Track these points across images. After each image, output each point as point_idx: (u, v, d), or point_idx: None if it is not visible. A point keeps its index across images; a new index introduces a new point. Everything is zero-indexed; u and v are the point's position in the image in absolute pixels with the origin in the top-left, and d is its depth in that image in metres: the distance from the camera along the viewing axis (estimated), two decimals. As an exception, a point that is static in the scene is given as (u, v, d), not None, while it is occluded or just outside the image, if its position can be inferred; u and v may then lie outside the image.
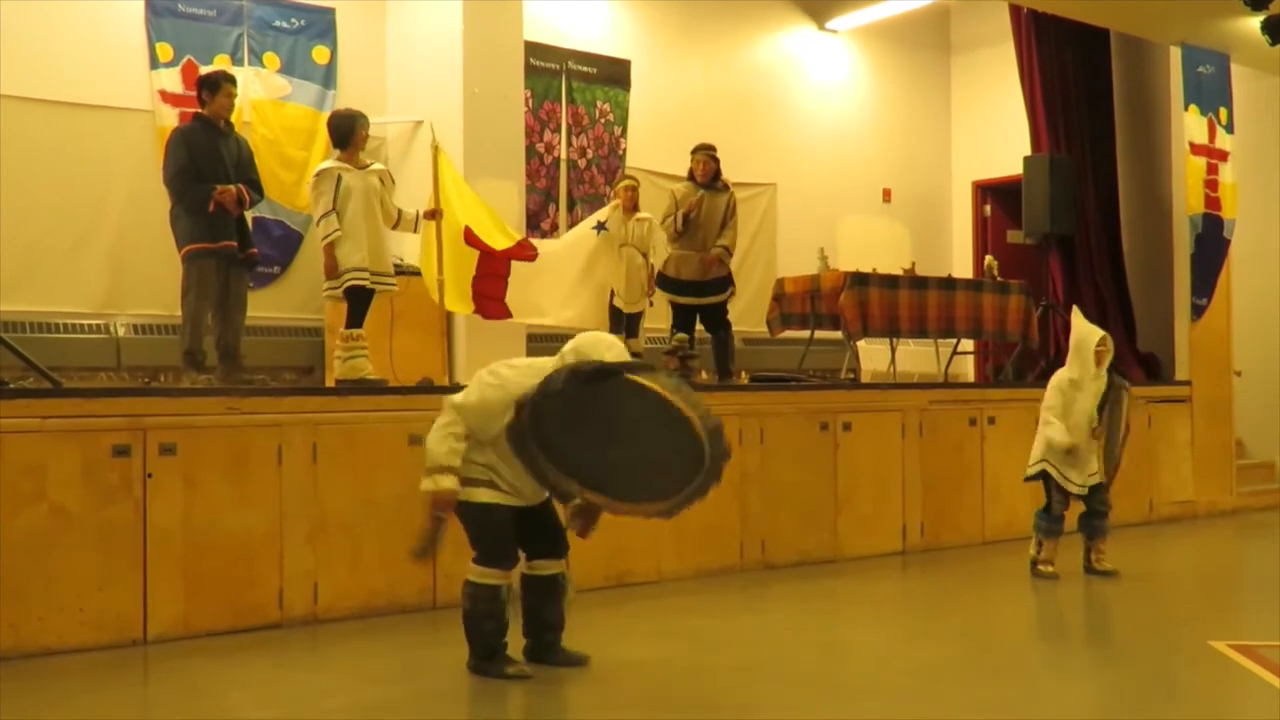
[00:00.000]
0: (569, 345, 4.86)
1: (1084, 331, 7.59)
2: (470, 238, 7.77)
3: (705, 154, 8.94)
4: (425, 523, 4.99)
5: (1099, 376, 7.48)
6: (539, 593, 5.16)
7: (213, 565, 5.94)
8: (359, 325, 7.27)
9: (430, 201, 7.64)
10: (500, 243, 7.87)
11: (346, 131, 7.32)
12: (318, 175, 7.26)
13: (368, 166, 7.37)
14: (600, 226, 8.36)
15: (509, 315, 8.00)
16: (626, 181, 9.12)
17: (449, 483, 4.89)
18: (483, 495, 5.00)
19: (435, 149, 7.63)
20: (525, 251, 7.95)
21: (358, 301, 7.27)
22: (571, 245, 8.28)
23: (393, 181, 7.59)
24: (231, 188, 7.12)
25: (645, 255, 8.84)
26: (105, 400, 5.85)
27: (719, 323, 9.01)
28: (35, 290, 8.23)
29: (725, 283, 8.96)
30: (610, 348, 4.81)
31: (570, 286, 8.19)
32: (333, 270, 7.19)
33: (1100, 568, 7.62)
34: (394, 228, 7.59)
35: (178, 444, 5.87)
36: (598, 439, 4.72)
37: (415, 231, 7.70)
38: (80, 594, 5.60)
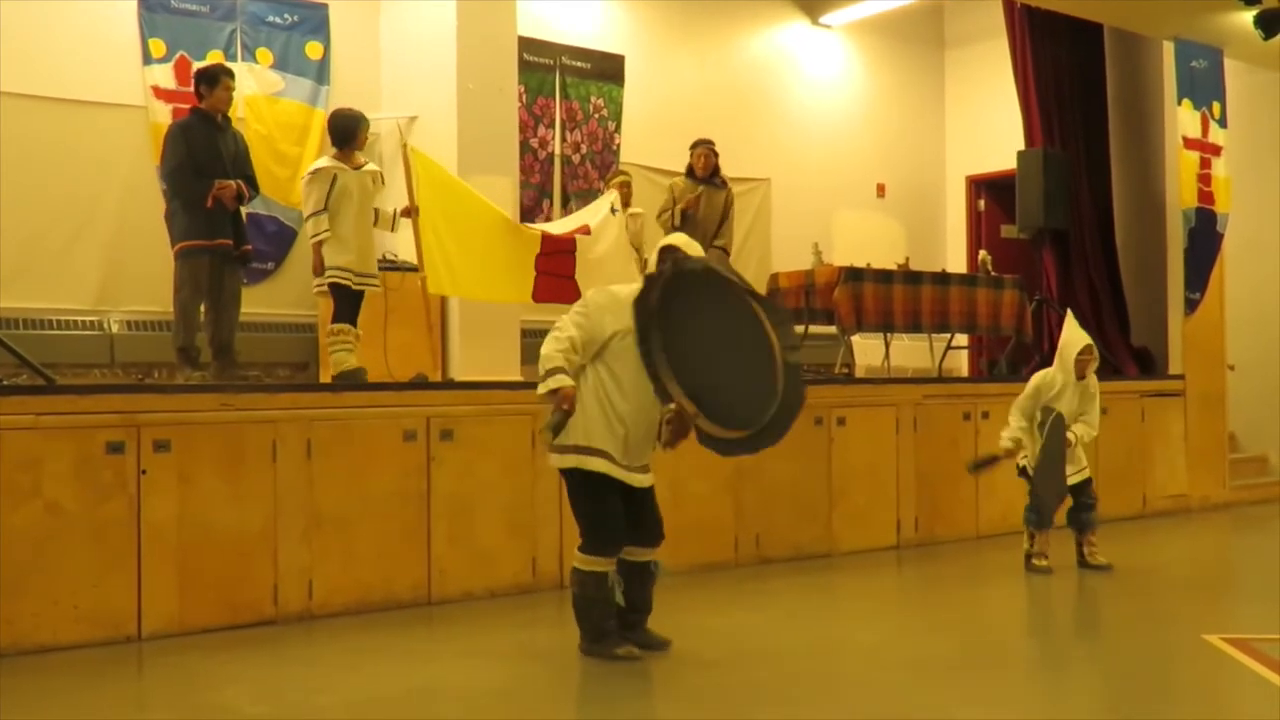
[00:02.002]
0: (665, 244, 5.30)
1: (1069, 337, 7.66)
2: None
3: (705, 148, 8.95)
4: (552, 416, 5.09)
5: (1080, 386, 7.54)
6: (630, 576, 5.36)
7: (207, 562, 5.94)
8: (344, 320, 7.30)
9: (406, 200, 7.65)
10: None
11: (349, 132, 7.34)
12: (313, 173, 7.25)
13: (362, 166, 7.40)
14: (613, 209, 8.34)
15: (578, 295, 7.95)
16: (620, 177, 9.10)
17: (566, 381, 5.04)
18: (598, 464, 5.14)
19: (405, 147, 7.64)
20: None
21: (341, 296, 7.31)
22: (601, 228, 8.23)
23: (383, 183, 7.66)
24: (231, 183, 7.12)
25: (639, 250, 8.84)
26: (99, 397, 5.84)
27: None
28: (29, 287, 8.21)
29: None
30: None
31: (618, 266, 8.17)
32: (319, 268, 7.24)
33: (1094, 561, 7.64)
34: (373, 225, 7.64)
35: (172, 441, 5.87)
36: (700, 351, 4.98)
37: (392, 230, 7.77)
38: (75, 590, 5.60)
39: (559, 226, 8.15)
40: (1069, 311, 7.95)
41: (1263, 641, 5.66)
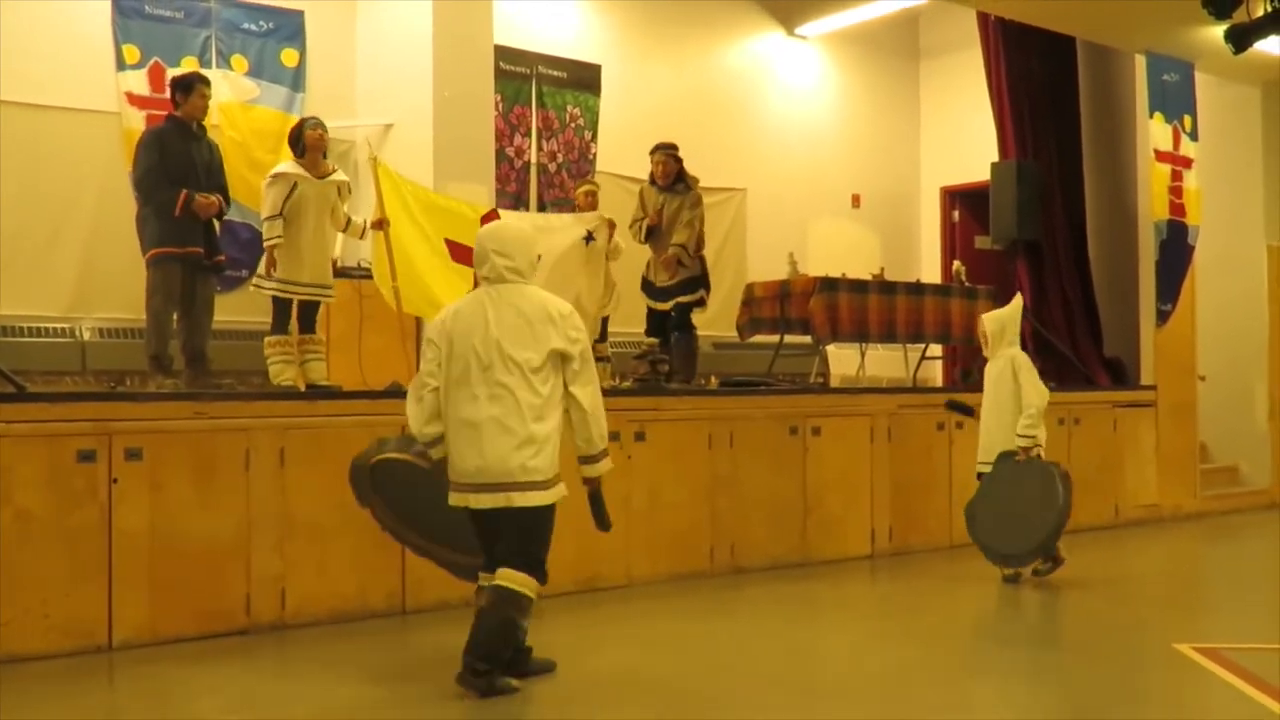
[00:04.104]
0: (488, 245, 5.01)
1: None
2: (457, 251, 7.80)
3: (664, 154, 8.73)
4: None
5: (994, 360, 7.75)
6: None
7: (179, 571, 5.90)
8: (282, 332, 7.42)
9: (376, 211, 7.65)
10: (471, 236, 7.89)
11: (294, 138, 7.49)
12: (274, 176, 7.36)
13: (329, 176, 7.43)
14: (589, 238, 8.30)
15: None
16: (586, 186, 9.10)
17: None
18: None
19: (373, 160, 7.62)
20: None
21: (281, 308, 7.42)
22: (565, 258, 8.24)
23: (349, 192, 7.71)
24: (214, 199, 7.06)
25: (606, 258, 8.80)
26: (71, 405, 5.81)
27: (680, 324, 8.81)
28: (0, 293, 8.14)
29: (694, 284, 8.83)
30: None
31: (569, 298, 8.19)
32: (269, 270, 7.31)
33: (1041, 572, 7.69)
34: (343, 231, 7.73)
35: (144, 449, 5.83)
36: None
37: (361, 238, 7.85)
38: (45, 599, 5.55)
39: None
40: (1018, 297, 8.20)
41: (1233, 650, 5.70)
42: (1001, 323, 7.76)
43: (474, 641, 4.87)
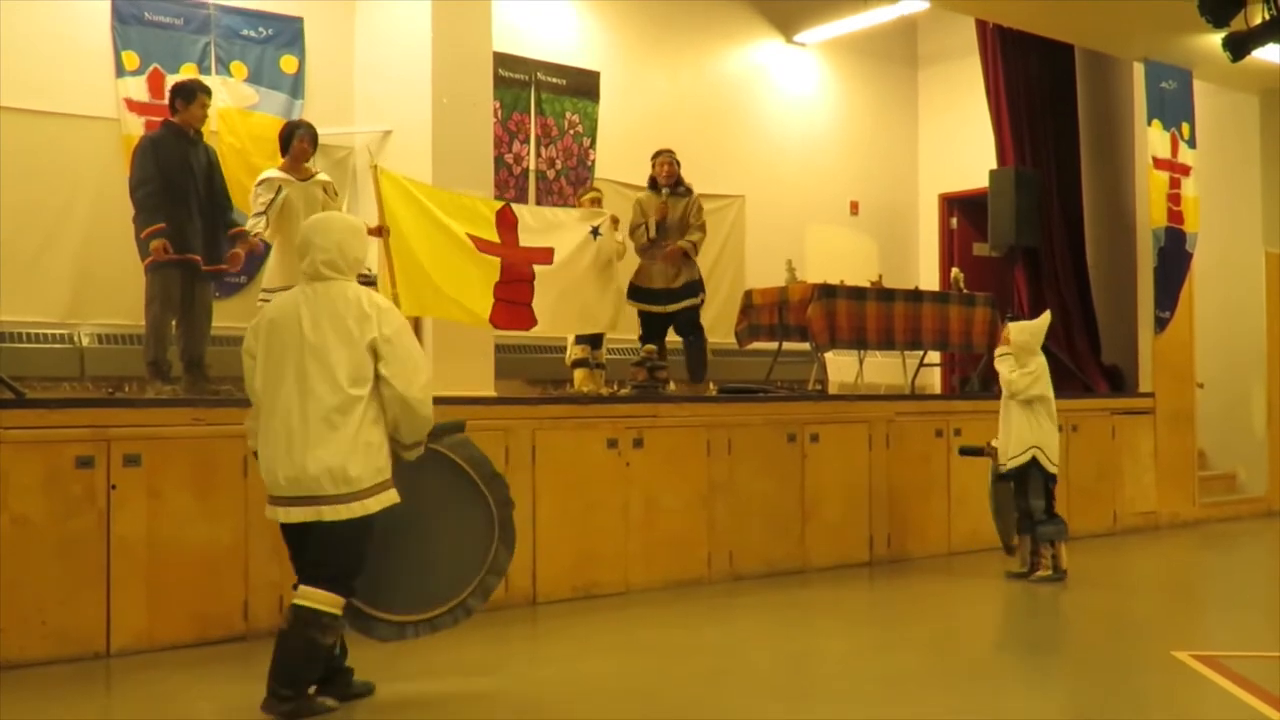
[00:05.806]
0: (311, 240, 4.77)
1: None
2: (483, 245, 7.79)
3: (666, 157, 8.86)
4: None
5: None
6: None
7: (177, 577, 5.89)
8: None
9: (377, 219, 7.65)
10: (490, 231, 7.89)
11: (284, 140, 7.56)
12: (259, 182, 7.46)
13: (312, 177, 7.49)
14: (595, 231, 8.33)
15: (534, 323, 8.02)
16: (591, 193, 9.10)
17: None
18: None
19: (374, 169, 7.62)
20: (508, 219, 7.98)
21: None
22: (575, 255, 8.26)
23: (336, 193, 7.75)
24: (167, 252, 7.01)
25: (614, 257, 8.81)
26: (69, 411, 5.80)
27: (691, 327, 8.88)
28: (-2, 299, 8.14)
29: (697, 288, 8.86)
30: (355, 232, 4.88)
31: (587, 292, 8.26)
32: (253, 248, 7.40)
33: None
34: None
35: (142, 455, 5.83)
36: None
37: None
38: (42, 606, 5.55)
39: (529, 235, 8.11)
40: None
41: (1231, 658, 5.70)
42: (1017, 333, 7.95)
43: (276, 666, 4.67)
